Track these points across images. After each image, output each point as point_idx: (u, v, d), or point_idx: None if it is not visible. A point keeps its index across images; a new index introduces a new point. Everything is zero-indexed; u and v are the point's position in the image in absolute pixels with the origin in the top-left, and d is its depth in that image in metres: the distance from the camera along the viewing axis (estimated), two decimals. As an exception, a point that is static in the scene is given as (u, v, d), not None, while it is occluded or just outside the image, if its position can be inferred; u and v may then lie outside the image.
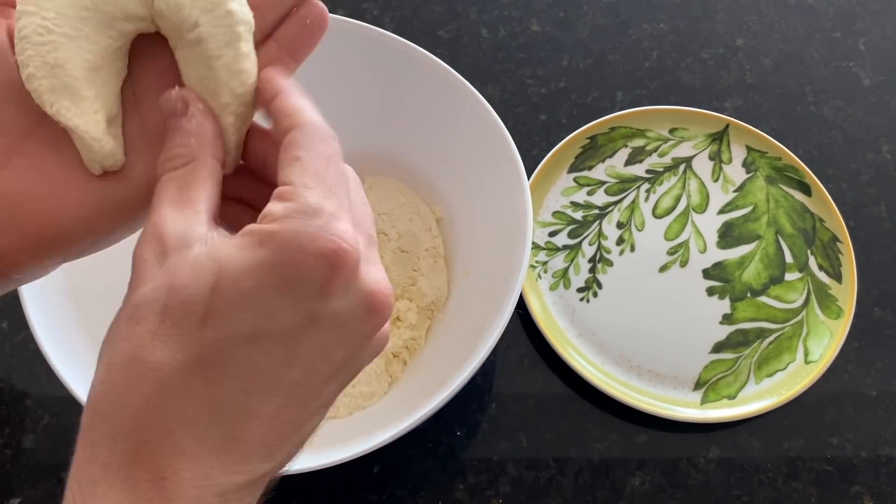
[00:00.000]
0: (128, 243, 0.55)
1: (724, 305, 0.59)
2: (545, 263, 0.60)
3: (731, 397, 0.56)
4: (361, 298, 0.26)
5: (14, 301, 0.48)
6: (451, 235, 0.59)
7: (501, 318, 0.47)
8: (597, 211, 0.62)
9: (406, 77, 0.55)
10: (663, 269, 0.60)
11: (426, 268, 0.57)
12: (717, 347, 0.58)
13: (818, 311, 0.58)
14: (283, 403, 0.26)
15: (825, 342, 0.57)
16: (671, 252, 0.61)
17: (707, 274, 0.60)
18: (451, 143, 0.57)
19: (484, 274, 0.54)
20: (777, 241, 0.61)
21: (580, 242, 0.61)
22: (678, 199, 0.63)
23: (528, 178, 0.61)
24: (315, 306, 0.25)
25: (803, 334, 0.58)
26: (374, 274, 0.26)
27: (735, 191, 0.63)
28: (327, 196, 0.26)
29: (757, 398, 0.56)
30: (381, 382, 0.53)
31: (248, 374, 0.25)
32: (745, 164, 0.64)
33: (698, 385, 0.57)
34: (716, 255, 0.60)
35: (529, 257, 0.50)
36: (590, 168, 0.63)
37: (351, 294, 0.26)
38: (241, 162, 0.31)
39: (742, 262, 0.60)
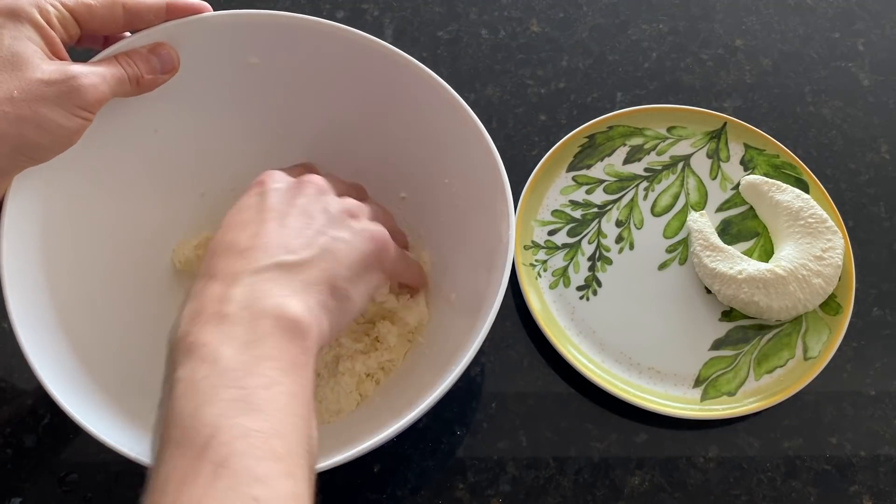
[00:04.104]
0: (106, 262, 0.55)
1: (724, 302, 0.59)
2: (545, 262, 0.60)
3: (731, 394, 0.56)
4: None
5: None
6: (439, 260, 0.57)
7: (472, 344, 0.45)
8: (596, 209, 0.62)
9: (394, 92, 0.55)
10: (662, 266, 0.61)
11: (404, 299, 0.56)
12: (717, 344, 0.58)
13: (817, 308, 0.58)
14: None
15: (824, 338, 0.57)
16: (670, 250, 0.61)
17: (706, 272, 0.60)
18: (433, 153, 0.56)
19: (463, 298, 0.53)
20: (775, 239, 0.61)
21: (579, 241, 0.61)
22: (677, 197, 0.63)
23: (528, 178, 0.62)
24: None
25: (802, 330, 0.58)
26: None
27: (733, 188, 0.63)
28: None
29: (757, 395, 0.56)
30: (349, 400, 0.53)
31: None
32: (742, 162, 0.64)
33: (698, 382, 0.57)
34: (715, 253, 0.61)
35: (507, 283, 0.47)
36: (588, 167, 0.63)
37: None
38: None
39: (741, 261, 0.60)
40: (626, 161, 0.64)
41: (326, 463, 0.42)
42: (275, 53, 0.54)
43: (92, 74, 0.45)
